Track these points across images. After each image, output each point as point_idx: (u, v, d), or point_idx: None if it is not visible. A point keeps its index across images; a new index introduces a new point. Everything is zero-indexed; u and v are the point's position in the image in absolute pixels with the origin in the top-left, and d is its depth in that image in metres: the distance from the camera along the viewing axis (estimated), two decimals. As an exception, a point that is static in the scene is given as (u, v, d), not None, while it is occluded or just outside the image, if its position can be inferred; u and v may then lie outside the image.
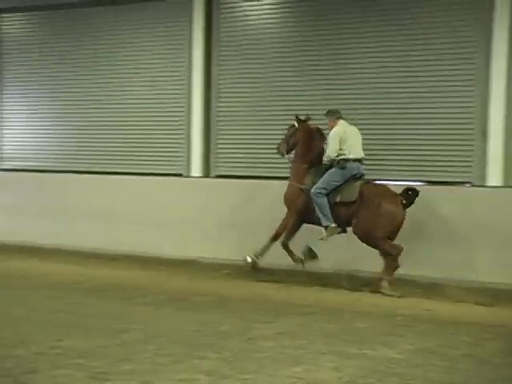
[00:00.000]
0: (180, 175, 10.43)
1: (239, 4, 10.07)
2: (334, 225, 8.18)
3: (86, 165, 11.01)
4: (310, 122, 8.73)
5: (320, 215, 8.22)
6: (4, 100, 11.57)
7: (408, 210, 8.06)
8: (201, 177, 10.30)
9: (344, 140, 8.26)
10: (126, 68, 10.71)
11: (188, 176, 10.35)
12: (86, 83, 10.96)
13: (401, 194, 8.07)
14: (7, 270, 9.10)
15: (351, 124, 8.47)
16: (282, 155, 8.84)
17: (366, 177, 8.40)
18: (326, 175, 8.29)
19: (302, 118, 8.73)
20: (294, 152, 8.77)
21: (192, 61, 10.24)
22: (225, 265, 9.33)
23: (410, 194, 8.03)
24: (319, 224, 8.27)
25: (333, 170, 8.29)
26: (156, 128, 10.56)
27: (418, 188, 8.12)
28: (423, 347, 5.67)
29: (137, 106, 10.67)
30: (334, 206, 8.22)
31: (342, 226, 8.28)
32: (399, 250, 7.98)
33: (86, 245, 10.37)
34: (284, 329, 6.19)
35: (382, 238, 8.00)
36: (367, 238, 8.08)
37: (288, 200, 8.60)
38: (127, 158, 10.77)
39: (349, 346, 5.58)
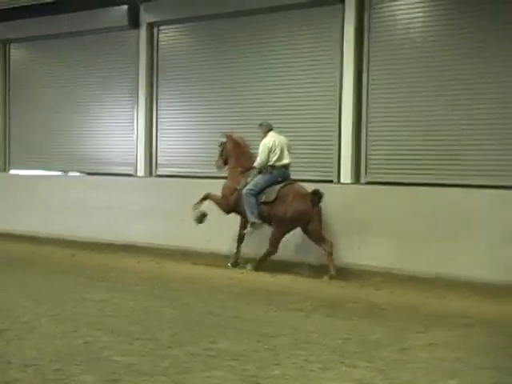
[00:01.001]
0: (330, 182, 10.34)
1: (390, 4, 9.86)
2: (259, 221, 9.45)
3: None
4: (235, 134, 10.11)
5: (248, 212, 9.49)
6: (160, 108, 12.00)
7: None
8: (351, 183, 10.17)
9: (272, 150, 9.54)
10: (276, 75, 10.79)
11: (337, 182, 10.25)
12: (237, 91, 11.14)
13: (311, 194, 9.22)
14: (163, 272, 9.39)
15: (280, 134, 9.73)
16: (220, 169, 10.24)
17: None
18: (256, 178, 9.59)
19: (228, 133, 10.16)
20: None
21: (343, 65, 10.14)
22: (377, 272, 9.19)
23: (316, 195, 9.19)
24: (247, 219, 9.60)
25: (261, 174, 9.58)
26: (305, 133, 10.54)
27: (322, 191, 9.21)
28: None
29: (286, 111, 10.72)
30: (260, 205, 9.49)
31: (267, 221, 9.52)
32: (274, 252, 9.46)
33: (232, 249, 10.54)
34: (438, 339, 5.96)
35: (284, 233, 9.42)
36: (274, 231, 9.44)
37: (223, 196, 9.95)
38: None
39: None
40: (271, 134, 9.75)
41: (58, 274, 9.00)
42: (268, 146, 9.55)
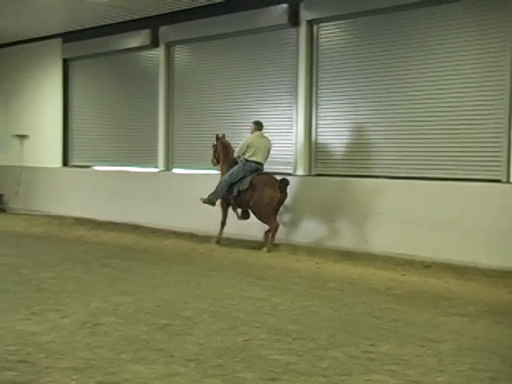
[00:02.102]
0: (498, 181, 9.81)
1: None
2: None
3: (403, 170, 10.88)
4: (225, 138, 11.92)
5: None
6: (320, 107, 11.92)
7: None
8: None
9: (250, 146, 11.24)
10: (441, 69, 10.39)
11: (508, 182, 9.70)
12: (399, 87, 10.84)
13: (279, 182, 10.92)
14: (321, 272, 9.30)
15: (264, 136, 11.47)
16: (215, 165, 12.02)
17: None
18: (233, 168, 11.34)
19: (219, 136, 11.91)
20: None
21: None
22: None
23: (283, 183, 10.91)
24: (234, 207, 11.54)
25: (237, 166, 11.35)
26: (471, 130, 10.07)
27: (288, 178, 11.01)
28: None
29: (450, 108, 10.30)
30: (237, 194, 11.19)
31: (245, 207, 11.34)
32: (277, 226, 11.02)
33: (396, 250, 10.27)
34: None
35: (268, 214, 10.95)
36: (259, 216, 11.06)
37: None
38: (436, 163, 10.44)
39: None
40: (257, 133, 11.41)
41: (216, 271, 9.15)
42: (248, 142, 11.32)
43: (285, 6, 11.94)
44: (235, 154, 11.47)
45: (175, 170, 14.37)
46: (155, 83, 14.58)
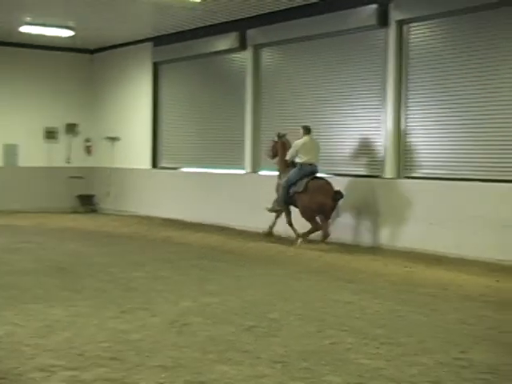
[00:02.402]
0: None
1: None
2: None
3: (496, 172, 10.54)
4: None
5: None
6: (409, 108, 11.70)
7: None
8: None
9: (300, 149, 11.80)
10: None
11: None
12: (492, 88, 10.52)
13: (334, 193, 11.36)
14: (411, 277, 9.12)
15: (313, 139, 12.00)
16: (270, 158, 12.81)
17: None
18: (290, 173, 11.95)
19: (280, 134, 12.53)
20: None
21: None
22: None
23: (338, 195, 11.39)
24: (295, 205, 11.94)
25: (293, 169, 11.92)
26: None
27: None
28: None
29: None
30: (293, 195, 11.79)
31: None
32: (318, 228, 11.53)
33: (490, 255, 9.96)
34: None
35: (313, 217, 11.52)
36: (302, 216, 11.69)
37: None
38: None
39: None
40: (305, 137, 11.89)
41: (305, 274, 9.10)
42: (298, 145, 11.85)
43: (374, 6, 11.77)
44: (288, 157, 12.04)
45: (262, 172, 14.40)
46: (242, 85, 14.66)
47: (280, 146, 12.43)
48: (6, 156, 18.05)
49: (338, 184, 11.76)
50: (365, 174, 12.22)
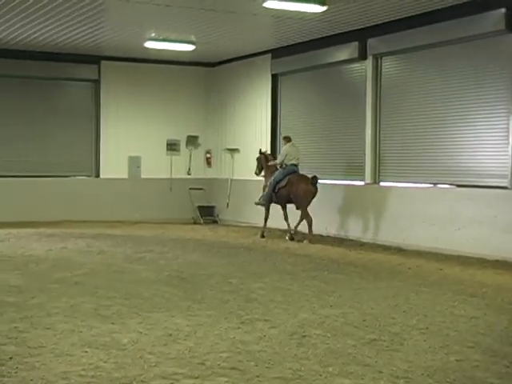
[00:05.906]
0: None
1: None
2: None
3: None
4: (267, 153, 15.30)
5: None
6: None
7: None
8: None
9: (288, 154, 14.27)
10: None
11: None
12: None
13: (311, 179, 13.74)
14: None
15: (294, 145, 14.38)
16: (257, 174, 15.26)
17: None
18: (276, 173, 14.34)
19: (262, 150, 15.29)
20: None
21: None
22: None
23: (314, 179, 13.68)
24: (279, 202, 14.50)
25: (279, 170, 14.35)
26: None
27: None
28: None
29: None
30: (277, 190, 14.19)
31: (284, 201, 14.33)
32: (311, 219, 13.71)
33: None
34: None
35: (305, 205, 13.74)
36: (298, 206, 13.90)
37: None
38: None
39: None
40: (289, 143, 14.40)
41: (424, 287, 8.85)
42: (286, 151, 14.30)
43: (502, 10, 11.28)
44: (278, 161, 14.49)
45: (383, 183, 14.18)
46: (362, 95, 14.50)
47: (263, 159, 15.01)
48: (130, 168, 18.68)
49: (470, 195, 11.48)
50: (491, 185, 11.77)
